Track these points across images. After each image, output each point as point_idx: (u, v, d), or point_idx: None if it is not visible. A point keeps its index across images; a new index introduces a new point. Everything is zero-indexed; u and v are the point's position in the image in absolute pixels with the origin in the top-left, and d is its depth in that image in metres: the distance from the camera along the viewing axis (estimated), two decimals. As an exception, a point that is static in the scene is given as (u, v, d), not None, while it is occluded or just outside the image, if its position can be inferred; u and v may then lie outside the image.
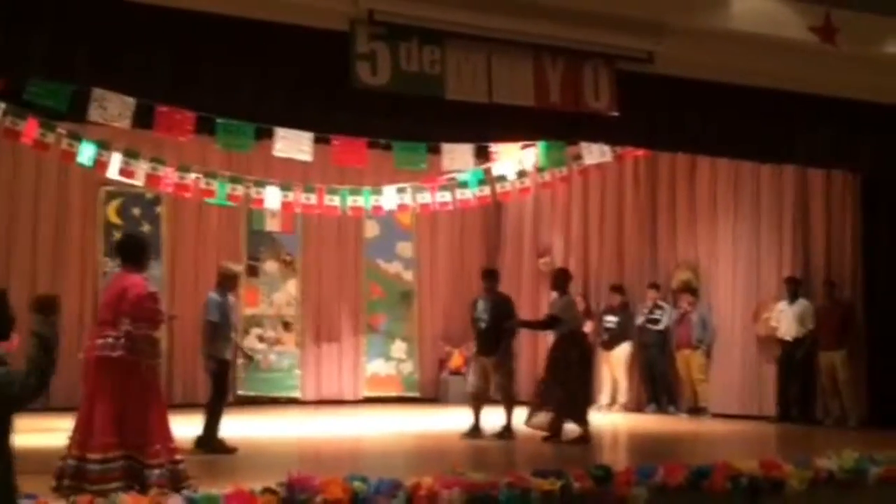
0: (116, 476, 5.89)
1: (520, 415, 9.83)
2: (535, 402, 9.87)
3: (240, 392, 13.09)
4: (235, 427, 8.99)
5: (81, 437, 6.05)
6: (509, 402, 9.99)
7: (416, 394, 14.52)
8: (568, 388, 9.51)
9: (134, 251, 6.50)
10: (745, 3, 8.37)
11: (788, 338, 11.48)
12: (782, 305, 11.60)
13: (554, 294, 10.26)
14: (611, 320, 13.16)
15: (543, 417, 9.66)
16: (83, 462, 5.96)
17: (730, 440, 10.28)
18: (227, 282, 8.99)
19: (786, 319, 11.50)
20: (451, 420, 11.52)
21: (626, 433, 11.31)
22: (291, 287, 14.02)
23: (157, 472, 6.00)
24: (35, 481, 5.54)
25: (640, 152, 11.87)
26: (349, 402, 14.03)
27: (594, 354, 11.38)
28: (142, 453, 6.04)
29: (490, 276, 10.53)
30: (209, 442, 8.50)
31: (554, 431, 9.54)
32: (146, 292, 6.19)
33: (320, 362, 14.15)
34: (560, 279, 10.22)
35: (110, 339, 6.06)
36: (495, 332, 10.00)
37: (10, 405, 3.72)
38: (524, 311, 14.15)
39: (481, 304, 10.22)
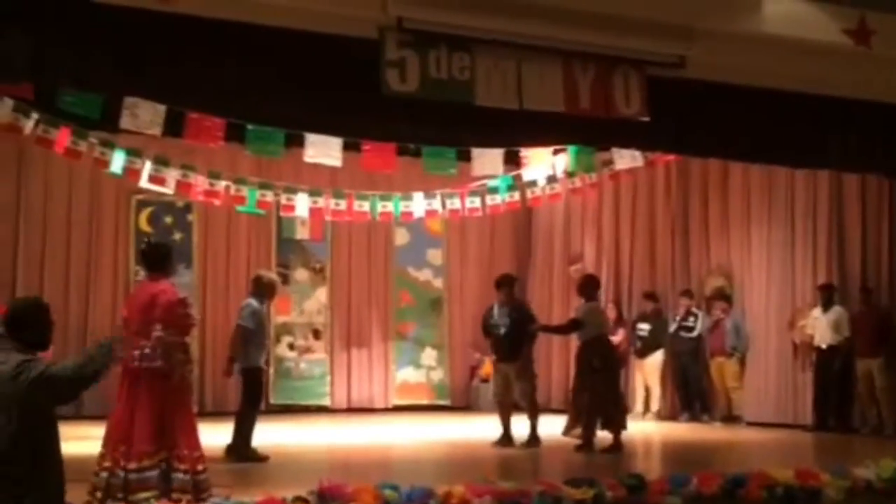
0: (153, 485, 5.91)
1: (545, 421, 9.77)
2: (571, 413, 9.82)
3: (271, 401, 13.13)
4: (266, 435, 9.00)
5: (120, 447, 6.03)
6: (534, 409, 9.94)
7: (446, 402, 14.48)
8: (594, 394, 9.44)
9: (158, 258, 6.52)
10: (777, 6, 8.28)
11: (823, 345, 11.33)
12: (817, 313, 11.45)
13: (581, 301, 10.21)
14: (644, 328, 13.05)
15: (578, 429, 9.61)
16: (119, 473, 5.94)
17: (765, 449, 10.16)
18: (265, 290, 8.99)
19: (820, 327, 11.36)
20: (482, 428, 11.48)
21: (659, 442, 11.21)
22: (321, 295, 14.04)
23: (180, 476, 6.01)
24: (71, 489, 5.56)
25: (672, 158, 11.78)
26: (379, 410, 14.02)
27: (620, 361, 11.27)
28: (192, 461, 6.07)
29: (505, 283, 10.46)
30: (240, 450, 8.50)
31: (585, 440, 9.47)
32: (177, 298, 6.23)
33: (350, 370, 14.16)
34: (587, 286, 10.16)
35: (147, 350, 6.08)
36: (515, 338, 9.95)
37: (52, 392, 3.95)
38: (555, 319, 14.09)
39: (497, 311, 10.16)
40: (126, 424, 6.07)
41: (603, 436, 9.52)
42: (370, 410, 13.93)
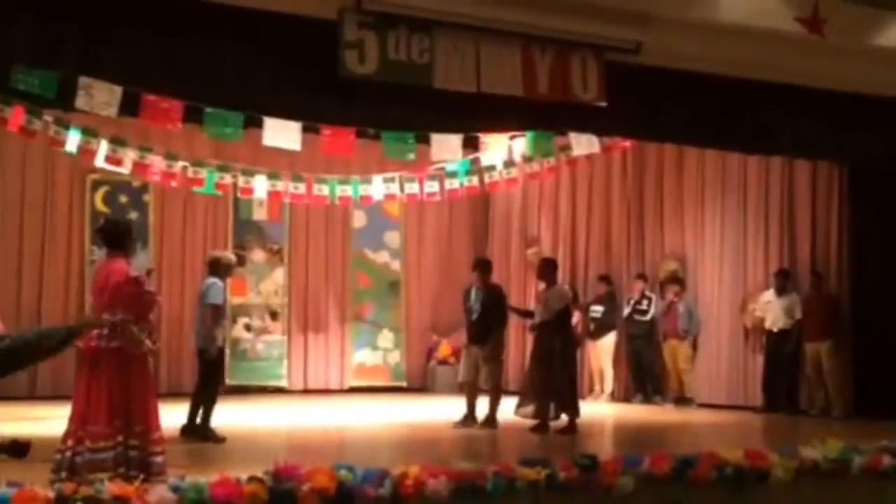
0: (108, 466, 5.87)
1: (507, 404, 9.85)
2: (523, 392, 9.91)
3: (227, 381, 13.08)
4: (222, 416, 8.98)
5: (77, 427, 6.00)
6: (496, 392, 10.02)
7: (403, 383, 14.53)
8: (552, 376, 9.55)
9: (115, 235, 6.36)
10: (732, -6, 8.38)
11: (775, 329, 11.53)
12: (768, 296, 11.64)
13: (542, 284, 10.27)
14: (597, 310, 13.19)
15: (530, 407, 9.70)
16: (77, 453, 5.93)
17: (715, 430, 10.33)
18: (224, 270, 8.97)
19: (773, 311, 11.55)
20: (439, 410, 11.55)
21: (612, 423, 11.35)
22: (278, 276, 14.00)
23: (159, 458, 6.01)
24: (23, 469, 5.54)
25: (628, 143, 11.88)
26: (336, 392, 14.04)
27: (578, 343, 11.40)
28: (147, 441, 6.03)
29: (481, 265, 10.52)
30: (200, 429, 8.49)
31: (541, 420, 9.58)
32: (125, 277, 6.09)
33: (307, 352, 14.14)
34: (547, 269, 10.24)
35: (105, 330, 6.02)
36: (486, 322, 10.02)
37: None
38: (512, 302, 14.17)
39: (473, 294, 10.23)
40: (84, 404, 6.03)
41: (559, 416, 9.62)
42: (327, 392, 13.94)
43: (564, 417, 9.63)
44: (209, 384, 8.73)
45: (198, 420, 8.65)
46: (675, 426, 10.73)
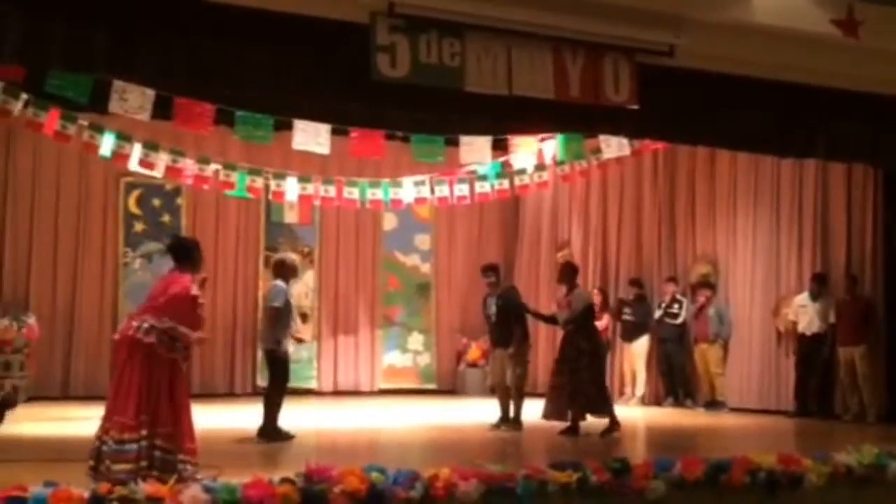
0: (131, 458, 5.95)
1: (534, 405, 9.84)
2: (550, 395, 9.89)
3: (258, 383, 13.17)
4: (254, 418, 9.03)
5: (107, 416, 6.14)
6: (520, 394, 10.07)
7: (432, 386, 14.55)
8: (578, 377, 9.51)
9: (183, 252, 6.56)
10: (766, -4, 8.32)
11: (809, 333, 11.42)
12: (802, 300, 11.53)
13: (563, 288, 10.21)
14: (628, 313, 13.14)
15: (558, 410, 9.68)
16: (104, 441, 6.04)
17: (747, 434, 10.25)
18: (289, 272, 9.14)
19: (807, 315, 11.44)
20: (469, 412, 11.56)
21: (644, 426, 11.29)
22: (309, 279, 14.06)
23: (189, 468, 6.09)
24: (60, 469, 5.60)
25: (659, 145, 11.83)
26: (366, 394, 14.08)
27: (605, 346, 11.33)
28: (173, 445, 6.11)
29: (490, 271, 10.52)
30: (269, 431, 8.58)
31: (571, 424, 9.54)
32: (187, 293, 6.26)
33: (337, 354, 14.20)
34: (569, 273, 10.18)
35: (146, 325, 6.13)
36: (504, 324, 10.05)
37: None
38: (542, 305, 14.15)
39: (489, 300, 10.27)
40: (115, 394, 6.15)
41: (593, 420, 9.58)
42: (356, 394, 13.99)
43: (590, 419, 9.59)
44: (279, 384, 8.84)
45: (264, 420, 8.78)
46: (707, 430, 10.65)
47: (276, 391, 8.84)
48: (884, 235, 11.21)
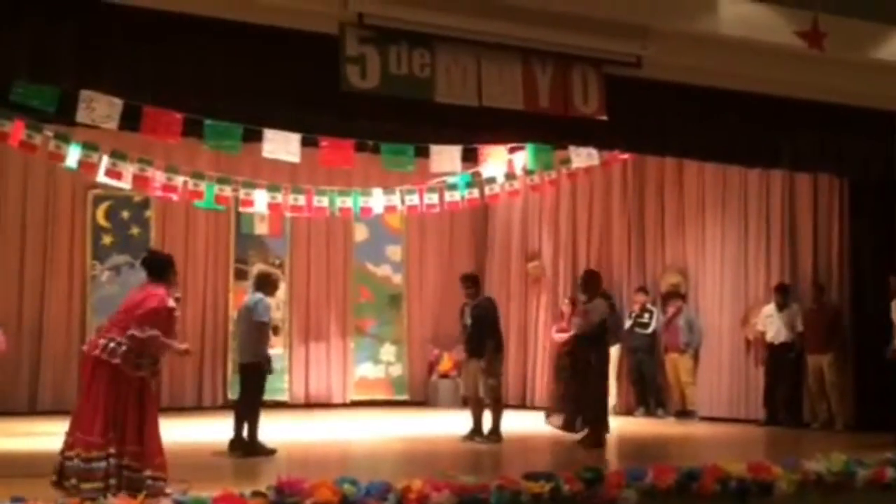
0: (98, 477, 5.92)
1: (526, 417, 9.85)
2: (552, 402, 9.89)
3: (228, 396, 13.08)
4: (224, 431, 8.97)
5: (70, 432, 6.10)
6: (497, 405, 10.01)
7: (405, 397, 14.51)
8: (587, 389, 9.50)
9: (156, 266, 6.52)
10: (732, 8, 8.41)
11: (777, 342, 11.51)
12: (769, 310, 11.63)
13: (583, 297, 10.13)
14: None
15: (561, 417, 9.70)
16: (67, 458, 6.01)
17: (718, 443, 10.31)
18: (270, 286, 9.13)
19: (774, 325, 11.53)
20: (441, 423, 11.53)
21: (615, 436, 11.31)
22: (280, 291, 13.96)
23: (159, 483, 6.04)
24: (27, 485, 5.53)
25: (628, 156, 11.90)
26: (338, 406, 14.01)
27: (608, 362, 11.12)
28: (141, 464, 6.06)
29: (468, 281, 10.50)
30: (248, 444, 8.56)
31: (595, 435, 9.53)
32: (165, 306, 6.21)
33: (309, 365, 14.13)
34: (591, 281, 10.10)
35: (112, 344, 6.08)
36: (478, 335, 10.01)
37: None
38: (513, 315, 14.21)
39: (466, 309, 10.25)
40: (80, 411, 6.12)
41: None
42: (328, 405, 13.92)
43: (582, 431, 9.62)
44: (254, 398, 8.78)
45: (244, 434, 8.70)
46: (678, 439, 10.71)
47: (250, 404, 8.78)
48: (850, 244, 11.33)
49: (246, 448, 8.56)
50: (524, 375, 14.24)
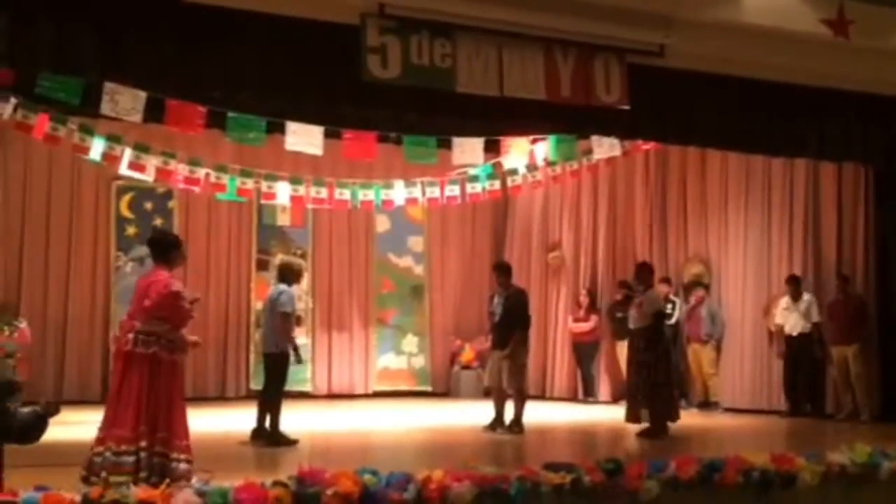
0: (128, 470, 5.96)
1: (549, 408, 9.85)
2: (630, 400, 9.90)
3: (251, 386, 13.15)
4: (247, 421, 9.01)
5: (104, 427, 6.13)
6: (520, 396, 10.01)
7: (427, 388, 14.53)
8: (654, 382, 9.51)
9: (160, 247, 6.51)
10: (756, -5, 8.34)
11: (794, 333, 11.43)
12: (785, 302, 11.55)
13: (639, 288, 10.06)
14: (620, 314, 13.14)
15: (631, 412, 9.77)
16: (97, 453, 6.05)
17: (741, 434, 10.26)
18: (294, 276, 9.18)
19: (790, 315, 11.46)
20: (463, 414, 11.55)
21: (637, 427, 11.27)
22: (303, 281, 14.01)
23: (183, 465, 6.09)
24: (51, 473, 5.57)
25: (650, 146, 11.84)
26: (360, 396, 14.06)
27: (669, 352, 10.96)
28: (169, 447, 6.11)
29: (501, 269, 10.50)
30: (270, 434, 8.62)
31: (660, 425, 9.54)
32: (169, 291, 6.22)
33: (331, 356, 14.18)
34: (644, 273, 10.08)
35: (141, 336, 6.12)
36: (507, 325, 9.99)
37: None
38: (534, 306, 14.16)
39: (496, 299, 10.23)
40: (114, 406, 6.15)
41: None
42: (351, 396, 13.96)
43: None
44: (277, 388, 8.82)
45: (266, 424, 8.77)
46: (700, 430, 10.65)
47: (274, 394, 8.82)
48: (875, 234, 11.23)
49: (268, 438, 8.60)
50: (544, 366, 14.23)
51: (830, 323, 11.29)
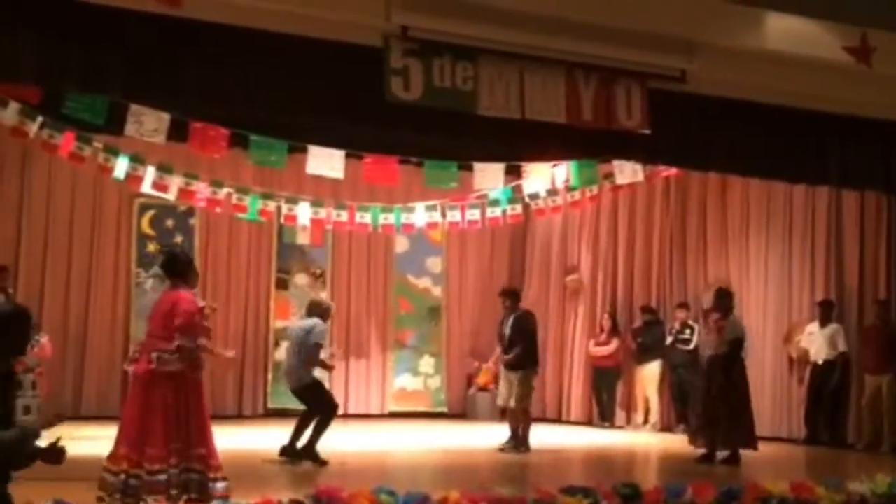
0: (162, 489, 5.98)
1: (562, 431, 9.88)
2: (699, 426, 9.85)
3: (268, 405, 13.16)
4: (264, 439, 9.02)
5: (131, 450, 6.07)
6: (525, 417, 10.16)
7: (443, 409, 14.50)
8: (733, 409, 9.49)
9: (174, 267, 6.56)
10: (778, 23, 8.35)
11: (819, 360, 11.34)
12: (812, 328, 11.47)
13: (715, 314, 10.03)
14: (642, 336, 13.11)
15: (694, 436, 9.78)
16: (132, 475, 6.00)
17: (759, 462, 10.16)
18: (324, 314, 9.30)
19: (816, 341, 11.37)
20: (479, 436, 11.51)
21: (655, 452, 11.23)
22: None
23: (221, 484, 6.12)
24: (68, 488, 5.60)
25: (671, 172, 11.83)
26: (376, 417, 14.04)
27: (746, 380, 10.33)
28: (207, 466, 6.15)
29: (508, 295, 10.69)
30: (305, 452, 8.72)
31: (732, 452, 9.51)
32: (196, 308, 6.29)
33: (348, 376, 14.16)
34: (724, 299, 10.02)
35: (166, 355, 6.15)
36: (517, 346, 10.18)
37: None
38: (551, 329, 14.16)
39: (506, 322, 10.39)
40: (139, 427, 6.11)
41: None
42: (367, 416, 13.95)
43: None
44: (329, 412, 8.97)
45: (298, 443, 8.87)
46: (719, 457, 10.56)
47: (327, 415, 8.93)
48: (897, 262, 11.15)
49: (298, 455, 8.63)
50: (560, 389, 14.19)
51: (865, 349, 11.09)
